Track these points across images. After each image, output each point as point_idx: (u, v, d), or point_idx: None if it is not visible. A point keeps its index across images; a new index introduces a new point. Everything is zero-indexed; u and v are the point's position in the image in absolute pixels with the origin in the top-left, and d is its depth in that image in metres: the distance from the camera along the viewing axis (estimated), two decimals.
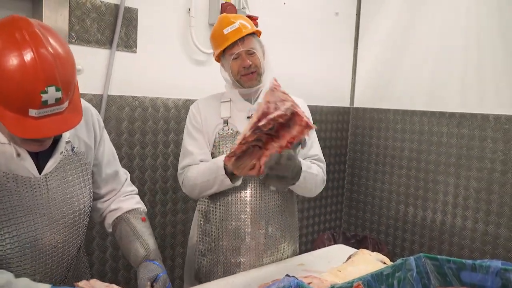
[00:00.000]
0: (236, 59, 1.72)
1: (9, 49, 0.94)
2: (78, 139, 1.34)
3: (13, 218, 1.17)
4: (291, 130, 1.43)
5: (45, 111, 0.99)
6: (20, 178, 1.17)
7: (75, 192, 1.31)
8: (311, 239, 3.69)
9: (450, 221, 3.13)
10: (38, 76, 0.95)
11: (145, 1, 2.45)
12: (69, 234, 1.31)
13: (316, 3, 3.40)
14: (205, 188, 1.72)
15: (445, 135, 3.15)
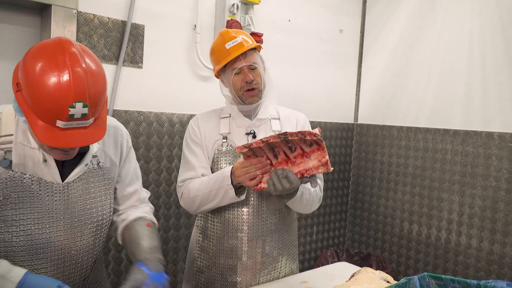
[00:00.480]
0: (238, 74, 1.70)
1: (51, 69, 1.06)
2: (105, 155, 1.42)
3: (30, 218, 1.25)
4: (308, 162, 1.45)
5: (71, 124, 1.09)
6: (43, 182, 1.26)
7: (95, 204, 1.38)
8: (314, 256, 3.66)
9: (455, 240, 3.11)
10: (69, 92, 1.06)
11: (152, 18, 2.48)
12: (86, 243, 1.37)
13: (320, 20, 3.44)
14: (206, 201, 1.69)
15: (450, 152, 3.14)
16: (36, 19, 2.23)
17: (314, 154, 1.44)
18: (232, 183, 1.62)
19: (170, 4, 2.55)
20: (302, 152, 1.46)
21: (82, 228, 1.34)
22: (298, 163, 1.47)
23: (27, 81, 1.07)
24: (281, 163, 1.50)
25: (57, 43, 1.11)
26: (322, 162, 1.43)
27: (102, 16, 2.29)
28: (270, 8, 3.04)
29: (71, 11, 2.14)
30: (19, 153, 1.23)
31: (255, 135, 1.77)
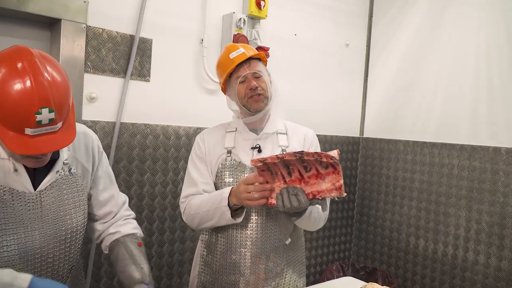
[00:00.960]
0: (242, 82, 1.71)
1: (12, 76, 1.06)
2: (76, 162, 1.42)
3: (5, 228, 1.24)
4: (322, 184, 1.44)
5: (40, 130, 1.10)
6: (15, 192, 1.26)
7: (68, 211, 1.37)
8: (320, 270, 3.64)
9: (462, 255, 3.08)
10: (33, 99, 1.06)
11: (159, 32, 2.52)
12: (61, 251, 1.37)
13: (326, 35, 3.46)
14: (205, 219, 1.70)
15: (456, 167, 3.13)
16: (45, 33, 2.26)
17: (329, 177, 1.43)
18: (229, 204, 1.62)
19: (178, 19, 2.58)
20: (317, 173, 1.44)
21: (57, 235, 1.35)
22: (311, 184, 1.46)
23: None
24: (294, 181, 1.49)
25: (15, 52, 1.12)
26: (336, 186, 1.41)
27: (111, 30, 2.32)
28: (276, 23, 3.07)
29: (80, 25, 2.18)
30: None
31: (260, 149, 1.76)
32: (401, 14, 3.56)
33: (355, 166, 3.84)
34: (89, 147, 1.48)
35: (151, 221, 2.55)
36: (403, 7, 3.54)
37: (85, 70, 2.23)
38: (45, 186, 1.31)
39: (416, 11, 3.44)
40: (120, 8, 2.36)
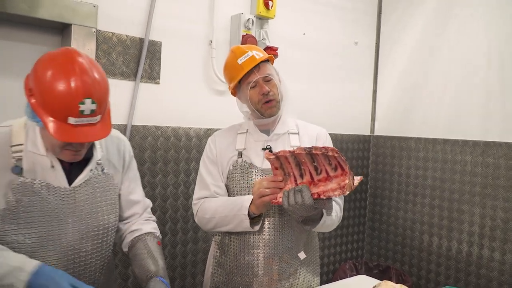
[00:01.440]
0: (253, 87, 1.70)
1: (61, 71, 1.19)
2: (109, 163, 1.52)
3: (41, 221, 1.34)
4: (328, 185, 1.46)
5: (81, 120, 1.21)
6: (51, 187, 1.35)
7: (101, 208, 1.46)
8: (332, 269, 3.63)
9: (476, 252, 3.05)
10: (79, 90, 1.18)
11: (168, 35, 2.53)
12: (93, 246, 1.45)
13: (335, 33, 3.45)
14: (220, 224, 1.71)
15: (469, 164, 3.10)
16: (56, 39, 2.29)
17: (337, 178, 1.45)
18: (249, 213, 1.63)
19: (186, 21, 2.60)
20: (327, 176, 1.47)
21: (89, 231, 1.43)
22: (319, 186, 1.48)
23: (41, 85, 1.19)
24: (304, 183, 1.51)
25: (64, 52, 1.25)
26: (341, 185, 1.44)
27: (120, 34, 2.34)
28: (284, 23, 3.07)
29: (90, 29, 2.20)
30: (29, 160, 1.33)
31: (271, 150, 1.75)
32: (410, 11, 3.54)
33: (366, 164, 3.82)
34: (121, 150, 1.58)
35: (163, 223, 2.57)
36: (412, 4, 3.52)
37: None
38: (79, 183, 1.40)
39: (425, 7, 3.42)
40: (129, 12, 2.38)
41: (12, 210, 1.30)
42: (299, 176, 1.52)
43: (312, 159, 1.48)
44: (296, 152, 1.48)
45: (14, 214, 1.30)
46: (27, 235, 1.32)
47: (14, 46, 2.17)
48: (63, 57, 1.23)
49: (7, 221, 1.30)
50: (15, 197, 1.30)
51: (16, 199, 1.30)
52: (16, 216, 1.30)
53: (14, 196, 1.30)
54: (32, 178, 1.33)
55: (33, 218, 1.32)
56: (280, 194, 1.54)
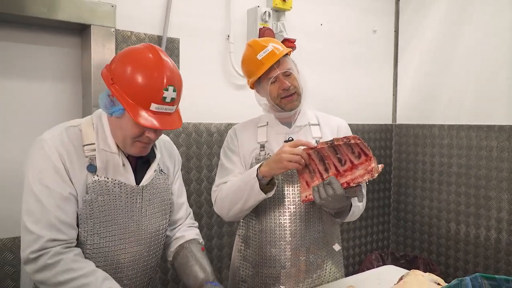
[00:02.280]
0: (274, 82, 1.68)
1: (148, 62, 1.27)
2: (164, 165, 1.57)
3: (114, 219, 1.37)
4: (355, 172, 1.47)
5: (161, 107, 1.27)
6: (123, 185, 1.39)
7: (160, 208, 1.51)
8: (359, 260, 3.60)
9: (505, 239, 2.99)
10: (163, 78, 1.26)
11: (186, 31, 2.54)
12: (153, 246, 1.49)
13: (353, 22, 3.41)
14: (235, 200, 1.66)
15: (495, 149, 3.03)
16: (76, 40, 2.32)
17: (363, 165, 1.46)
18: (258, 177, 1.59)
19: (203, 17, 2.60)
20: (352, 165, 1.48)
21: (152, 230, 1.47)
22: (346, 175, 1.49)
23: (127, 72, 1.25)
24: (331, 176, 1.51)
25: (147, 46, 1.32)
26: (368, 170, 1.44)
27: (139, 33, 2.36)
28: (301, 14, 3.05)
29: (109, 29, 2.22)
30: (102, 159, 1.36)
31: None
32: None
33: (389, 153, 3.78)
34: (173, 155, 1.64)
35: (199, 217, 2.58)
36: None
37: None
38: (146, 182, 1.44)
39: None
40: (147, 10, 2.39)
41: (88, 209, 1.32)
42: (324, 171, 1.52)
43: (335, 151, 1.48)
44: (319, 147, 1.49)
45: (90, 214, 1.33)
46: (101, 234, 1.35)
47: (33, 50, 2.20)
48: (147, 50, 1.29)
49: (84, 221, 1.32)
50: (90, 196, 1.32)
51: (92, 198, 1.33)
52: (91, 215, 1.33)
53: (89, 195, 1.32)
54: (105, 176, 1.36)
55: (106, 217, 1.35)
56: (310, 191, 1.54)
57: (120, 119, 1.31)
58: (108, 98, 1.30)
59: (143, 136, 1.32)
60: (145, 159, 1.45)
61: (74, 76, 2.32)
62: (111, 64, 1.32)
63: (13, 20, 2.09)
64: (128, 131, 1.31)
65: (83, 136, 1.36)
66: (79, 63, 2.33)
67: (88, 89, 2.24)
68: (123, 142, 1.35)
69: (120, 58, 1.31)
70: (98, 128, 1.38)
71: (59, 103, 2.29)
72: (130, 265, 1.42)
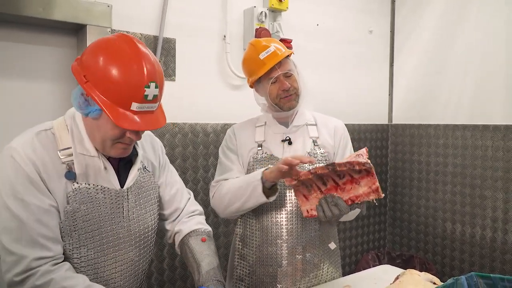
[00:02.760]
0: (274, 83, 1.70)
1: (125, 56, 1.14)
2: (147, 161, 1.47)
3: (100, 228, 1.27)
4: (358, 188, 1.43)
5: (143, 106, 1.15)
6: (106, 189, 1.28)
7: (148, 208, 1.42)
8: (355, 260, 3.61)
9: (501, 238, 3.00)
10: (144, 74, 1.13)
11: (182, 31, 2.54)
12: (143, 249, 1.41)
13: (349, 22, 3.42)
14: (234, 198, 1.67)
15: (490, 148, 3.04)
16: (72, 40, 2.32)
17: (364, 180, 1.42)
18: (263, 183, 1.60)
19: (200, 17, 2.60)
20: (351, 179, 1.45)
21: (141, 233, 1.38)
22: (347, 190, 1.46)
23: (102, 69, 1.12)
24: (330, 189, 1.49)
25: (121, 37, 1.19)
26: (373, 188, 1.41)
27: (135, 33, 2.36)
28: (298, 14, 3.05)
29: (105, 29, 2.22)
30: (80, 164, 1.24)
31: (290, 141, 1.77)
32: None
33: (385, 153, 3.78)
34: (156, 148, 1.54)
35: None
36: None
37: None
38: (131, 184, 1.34)
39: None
40: (143, 10, 2.39)
41: (71, 221, 1.21)
42: (322, 184, 1.50)
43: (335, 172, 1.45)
44: (319, 173, 1.45)
45: (73, 225, 1.22)
46: (89, 246, 1.25)
47: (29, 49, 2.20)
48: (122, 41, 1.17)
49: (68, 234, 1.22)
50: (72, 206, 1.21)
51: (74, 208, 1.21)
52: (75, 227, 1.22)
53: (71, 205, 1.21)
54: (86, 182, 1.24)
55: (92, 227, 1.25)
56: (310, 205, 1.53)
57: (97, 120, 1.19)
58: (82, 97, 1.16)
59: (124, 138, 1.21)
60: (128, 158, 1.35)
61: (69, 75, 2.31)
62: (82, 57, 1.17)
63: (8, 19, 2.08)
64: (107, 132, 1.19)
65: (57, 140, 1.23)
66: None
67: None
68: (102, 144, 1.23)
69: (93, 52, 1.16)
70: (73, 130, 1.25)
71: (54, 102, 2.28)
72: (122, 273, 1.34)
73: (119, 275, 1.33)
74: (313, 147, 1.79)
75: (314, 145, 1.79)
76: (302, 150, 1.77)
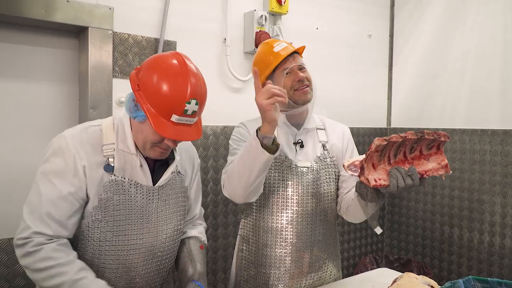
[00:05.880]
0: (289, 74, 1.71)
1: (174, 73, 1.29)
2: (182, 167, 1.59)
3: (128, 219, 1.40)
4: (427, 164, 1.47)
5: (182, 119, 1.30)
6: (139, 185, 1.42)
7: (175, 209, 1.53)
8: (353, 263, 3.62)
9: (499, 243, 3.01)
10: (189, 90, 1.27)
11: (183, 34, 2.55)
12: (169, 247, 1.52)
13: (348, 26, 3.43)
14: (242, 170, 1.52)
15: (488, 153, 3.06)
16: (73, 42, 2.32)
17: (433, 157, 1.48)
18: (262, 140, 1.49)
19: (200, 20, 2.61)
20: (420, 155, 1.48)
21: (167, 230, 1.49)
22: (416, 165, 1.47)
23: (153, 81, 1.27)
24: (398, 162, 1.47)
25: (175, 54, 1.34)
26: (442, 165, 1.47)
27: (136, 35, 2.37)
28: (297, 18, 3.07)
29: (106, 32, 2.23)
30: (119, 159, 1.39)
31: (302, 144, 1.77)
32: (423, 0, 3.50)
33: None
34: (192, 158, 1.66)
35: None
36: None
37: (113, 75, 2.28)
38: (163, 183, 1.47)
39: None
40: (144, 13, 2.40)
41: (103, 207, 1.35)
42: (393, 156, 1.47)
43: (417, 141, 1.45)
44: (408, 137, 1.42)
45: (104, 211, 1.36)
46: (114, 233, 1.38)
47: (32, 51, 2.21)
48: (175, 59, 1.31)
49: (97, 219, 1.36)
50: (106, 195, 1.35)
51: (107, 197, 1.35)
52: (106, 213, 1.36)
53: (105, 194, 1.35)
54: (122, 176, 1.38)
55: (120, 216, 1.38)
56: (379, 175, 1.45)
57: (142, 124, 1.35)
58: (133, 102, 1.34)
59: (162, 143, 1.35)
60: (164, 160, 1.48)
61: (71, 78, 2.33)
62: (140, 70, 1.34)
63: (10, 21, 2.09)
64: (149, 136, 1.34)
65: (103, 136, 1.39)
66: (76, 65, 2.33)
67: (84, 91, 2.24)
68: (143, 145, 1.38)
69: (148, 66, 1.32)
70: (118, 129, 1.41)
71: (56, 104, 2.29)
72: (144, 264, 1.45)
73: (141, 265, 1.44)
74: (322, 151, 1.79)
75: (324, 149, 1.80)
76: (312, 153, 1.78)
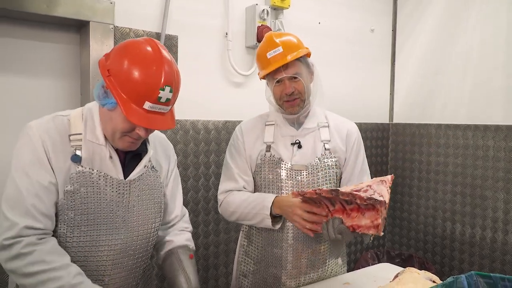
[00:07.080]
0: (279, 84, 1.68)
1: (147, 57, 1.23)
2: (156, 162, 1.52)
3: (97, 213, 1.33)
4: (362, 219, 1.44)
5: (155, 107, 1.23)
6: (109, 177, 1.35)
7: (148, 206, 1.45)
8: (354, 258, 3.62)
9: (501, 239, 3.00)
10: (163, 77, 1.22)
11: (184, 28, 2.54)
12: (141, 245, 1.44)
13: (350, 21, 3.42)
14: (243, 218, 1.73)
15: (492, 148, 3.05)
16: (75, 36, 2.32)
17: (369, 213, 1.43)
18: (271, 213, 1.64)
19: (202, 14, 2.60)
20: (358, 207, 1.45)
21: (139, 228, 1.42)
22: (353, 217, 1.46)
23: (124, 67, 1.21)
24: (337, 211, 1.50)
25: (147, 40, 1.28)
26: (374, 224, 1.41)
27: (137, 29, 2.36)
28: (299, 12, 3.05)
29: (108, 26, 2.22)
30: (88, 150, 1.32)
31: (300, 145, 1.74)
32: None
33: (386, 152, 3.79)
34: (167, 152, 1.60)
35: (196, 214, 2.61)
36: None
37: None
38: (134, 177, 1.40)
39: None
40: (145, 7, 2.39)
41: (69, 200, 1.28)
42: (330, 204, 1.51)
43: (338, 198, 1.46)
44: (323, 195, 1.46)
45: (71, 205, 1.29)
46: (82, 228, 1.30)
47: (33, 45, 2.20)
48: (148, 45, 1.26)
49: (64, 213, 1.29)
50: (73, 187, 1.29)
51: (74, 189, 1.29)
52: (73, 207, 1.29)
53: (72, 186, 1.29)
54: (90, 167, 1.32)
55: (88, 210, 1.31)
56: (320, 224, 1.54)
57: (111, 111, 1.28)
58: (102, 89, 1.27)
59: (132, 132, 1.29)
60: (136, 153, 1.41)
61: (72, 72, 2.32)
62: (110, 54, 1.28)
63: (12, 16, 2.08)
64: (118, 125, 1.28)
65: (71, 125, 1.33)
66: (77, 60, 2.32)
67: (86, 86, 2.23)
68: (112, 135, 1.32)
69: (119, 50, 1.27)
70: (87, 119, 1.35)
71: (57, 99, 2.28)
72: (113, 263, 1.37)
73: (110, 263, 1.37)
74: (324, 152, 1.75)
75: (325, 149, 1.76)
76: (311, 154, 1.74)
